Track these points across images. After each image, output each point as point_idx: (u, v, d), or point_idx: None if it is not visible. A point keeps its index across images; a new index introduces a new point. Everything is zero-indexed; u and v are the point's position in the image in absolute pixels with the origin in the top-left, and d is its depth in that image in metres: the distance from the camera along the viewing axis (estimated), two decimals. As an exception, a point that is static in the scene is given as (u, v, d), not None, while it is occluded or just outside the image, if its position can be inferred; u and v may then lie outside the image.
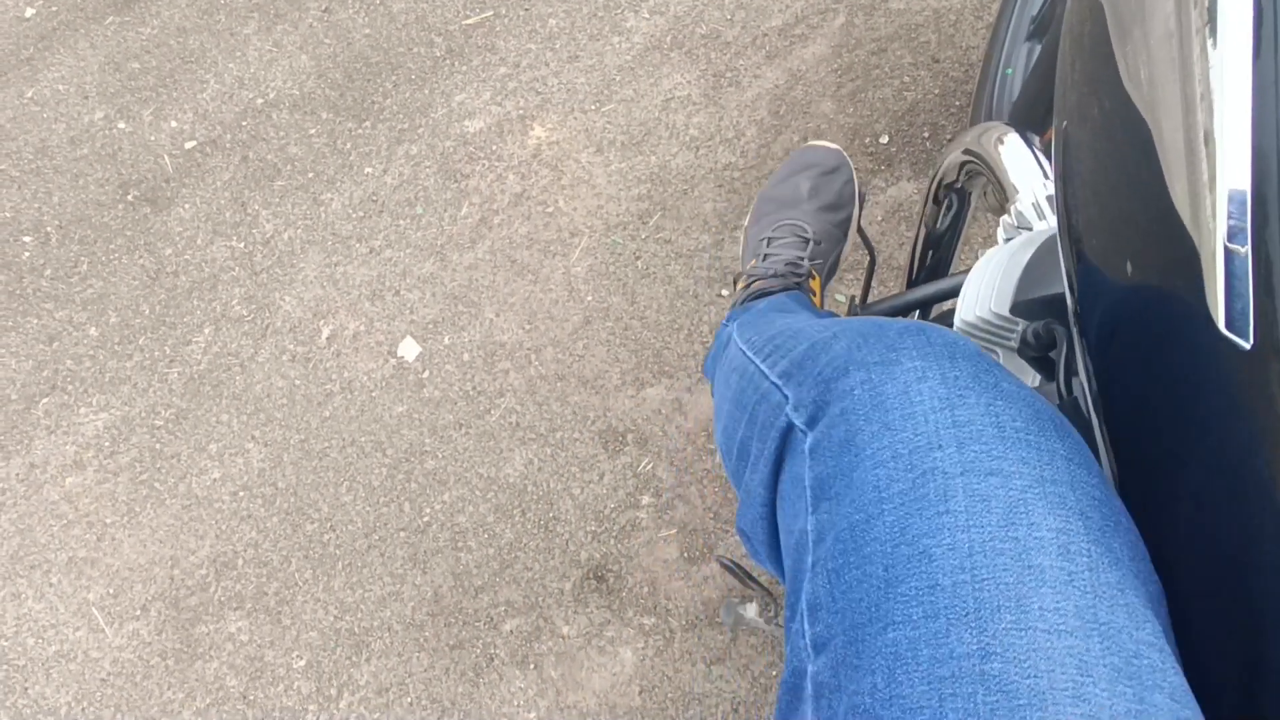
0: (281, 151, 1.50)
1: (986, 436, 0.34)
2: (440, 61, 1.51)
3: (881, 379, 0.37)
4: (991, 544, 0.31)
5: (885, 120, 1.33)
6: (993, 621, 0.29)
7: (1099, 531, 0.32)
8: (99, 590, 1.27)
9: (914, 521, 0.33)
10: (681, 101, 1.40)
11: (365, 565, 1.23)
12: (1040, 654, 0.29)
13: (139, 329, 1.41)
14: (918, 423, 0.35)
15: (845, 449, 0.37)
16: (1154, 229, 0.28)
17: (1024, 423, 0.35)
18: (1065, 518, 0.32)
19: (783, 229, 0.92)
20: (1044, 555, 0.31)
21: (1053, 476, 0.33)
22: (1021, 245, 0.51)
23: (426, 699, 1.15)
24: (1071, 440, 0.35)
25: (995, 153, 0.75)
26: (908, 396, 0.36)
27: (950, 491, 0.33)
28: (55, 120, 1.59)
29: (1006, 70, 1.04)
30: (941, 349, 0.38)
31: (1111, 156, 0.32)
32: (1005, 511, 0.32)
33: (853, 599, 0.33)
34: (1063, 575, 0.30)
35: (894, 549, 0.33)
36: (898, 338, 0.39)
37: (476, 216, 1.39)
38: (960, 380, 0.36)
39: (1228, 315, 0.24)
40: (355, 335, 1.35)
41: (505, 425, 1.26)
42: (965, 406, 0.35)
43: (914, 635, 0.30)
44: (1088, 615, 0.29)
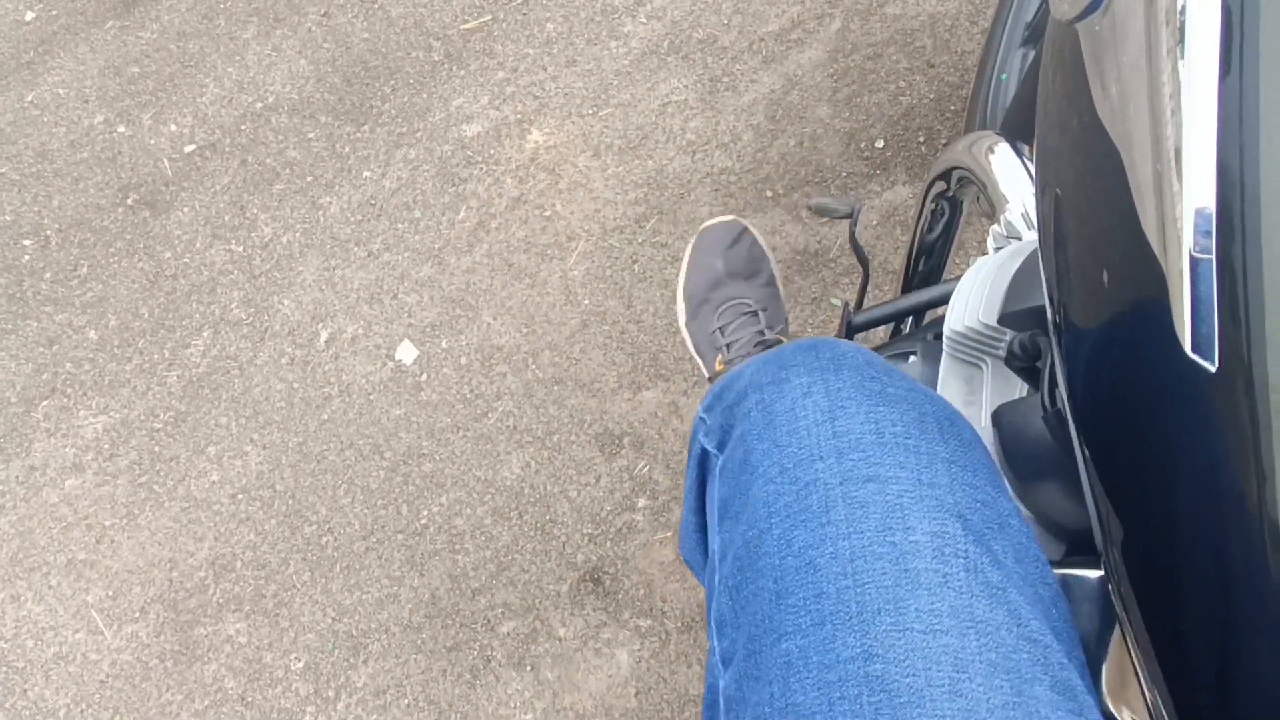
0: (280, 155, 1.50)
1: (865, 444, 0.35)
2: (438, 66, 1.52)
3: (773, 398, 0.39)
4: (871, 549, 0.32)
5: (881, 125, 1.34)
6: (874, 625, 0.31)
7: (979, 533, 0.33)
8: (98, 592, 1.28)
9: (799, 533, 0.34)
10: (678, 106, 1.41)
11: (363, 567, 1.23)
12: (918, 654, 0.30)
13: (138, 332, 1.42)
14: (801, 437, 0.36)
15: (743, 468, 0.38)
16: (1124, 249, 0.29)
17: (904, 427, 0.36)
18: (942, 521, 0.33)
19: (727, 313, 0.95)
20: (920, 559, 0.32)
21: (931, 480, 0.34)
22: (1010, 255, 0.51)
23: (424, 700, 1.15)
24: (957, 442, 0.36)
25: (986, 162, 0.75)
26: (794, 412, 0.37)
27: (831, 501, 0.34)
28: (55, 124, 1.60)
29: (1001, 75, 1.04)
30: (829, 362, 0.39)
31: (1087, 170, 0.32)
32: (883, 517, 0.33)
33: (750, 613, 0.34)
34: (938, 577, 0.31)
35: (782, 561, 0.34)
36: (790, 356, 0.41)
37: (474, 220, 1.40)
38: (843, 391, 0.37)
39: (1194, 338, 0.25)
40: (353, 338, 1.36)
41: (502, 428, 1.27)
42: (845, 416, 0.36)
43: (804, 644, 0.32)
44: (964, 615, 0.31)
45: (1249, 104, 0.24)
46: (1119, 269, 0.28)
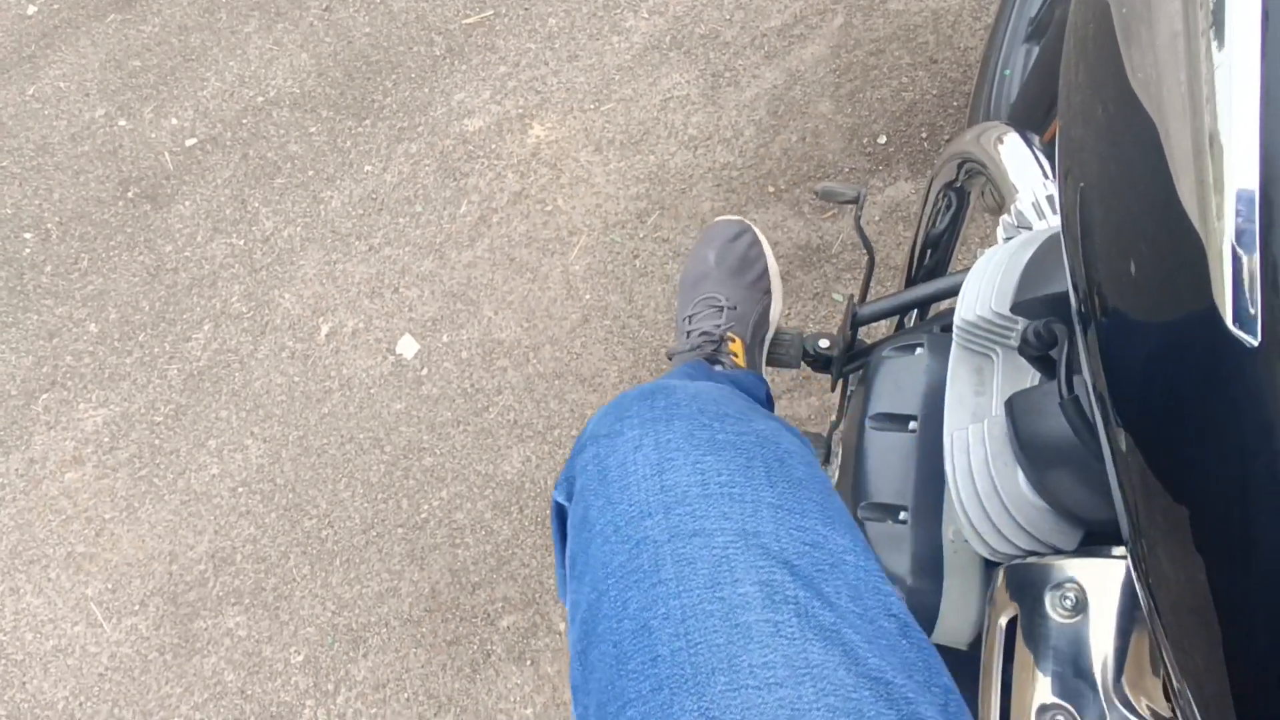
0: (282, 149, 1.50)
1: (691, 497, 0.35)
2: (440, 60, 1.51)
3: (606, 452, 0.39)
4: (701, 607, 0.32)
5: (883, 120, 1.34)
6: (709, 685, 0.30)
7: (808, 577, 0.33)
8: (97, 585, 1.28)
9: (633, 595, 0.34)
10: (680, 101, 1.41)
11: (363, 561, 1.23)
12: (754, 710, 0.29)
13: (139, 325, 1.42)
14: (632, 493, 0.36)
15: (583, 526, 0.38)
16: (1160, 226, 0.28)
17: (729, 476, 0.35)
18: (769, 569, 0.32)
19: (700, 304, 0.96)
20: (750, 611, 0.31)
21: (755, 529, 0.34)
22: (1022, 244, 0.51)
23: (424, 694, 1.15)
24: (785, 484, 0.36)
25: (995, 152, 0.75)
26: (625, 467, 0.37)
27: (660, 560, 0.33)
28: (56, 117, 1.60)
29: (1005, 71, 1.04)
30: (661, 412, 0.39)
31: (1115, 157, 0.32)
32: (711, 572, 0.33)
33: (596, 680, 0.34)
34: (769, 628, 0.31)
35: (619, 624, 0.33)
36: (627, 406, 0.40)
37: (475, 215, 1.39)
38: (672, 443, 0.37)
39: (1235, 312, 0.24)
40: (354, 332, 1.36)
41: (503, 423, 1.27)
42: (673, 469, 0.36)
43: (645, 710, 0.31)
44: (798, 663, 0.30)
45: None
46: (1155, 247, 0.28)
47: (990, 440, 0.40)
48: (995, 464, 0.39)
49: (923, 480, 0.47)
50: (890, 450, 0.49)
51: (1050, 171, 0.70)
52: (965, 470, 0.41)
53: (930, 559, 0.44)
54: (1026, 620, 0.35)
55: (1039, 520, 0.38)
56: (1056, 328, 0.39)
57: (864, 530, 0.46)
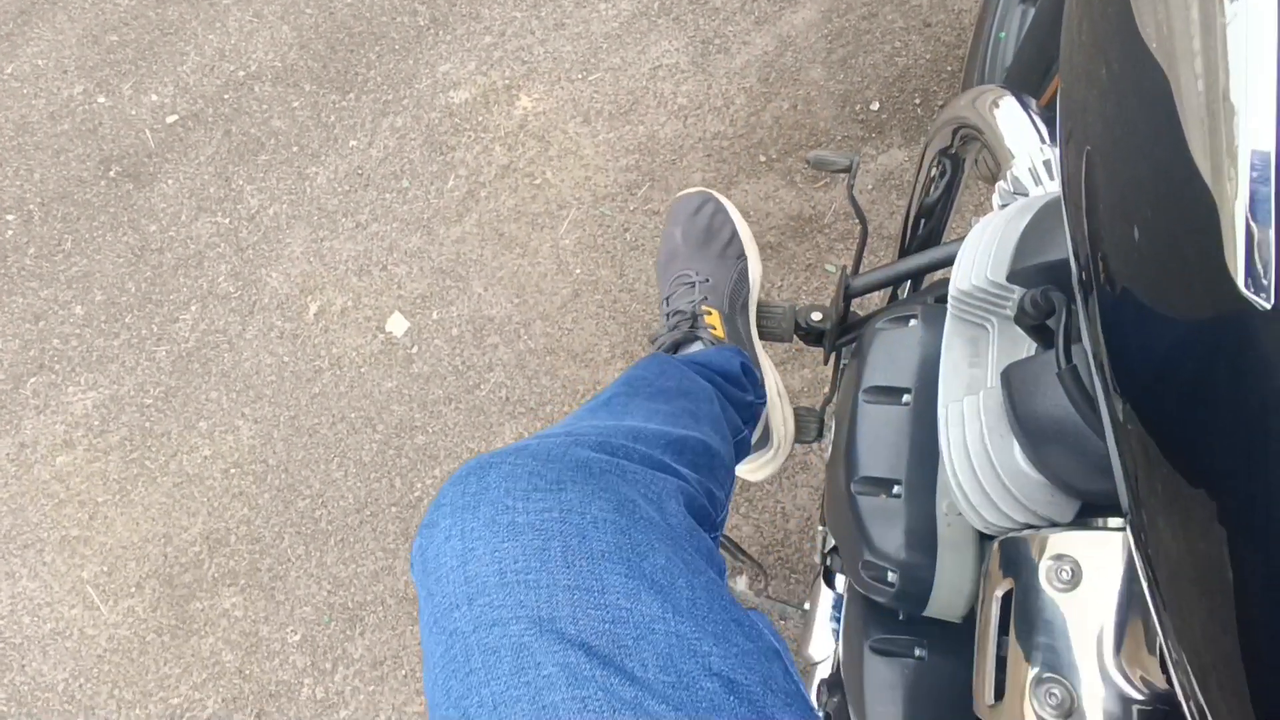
0: (265, 125, 1.48)
1: (490, 587, 0.36)
2: (424, 31, 1.48)
3: (425, 543, 0.41)
4: (509, 693, 0.34)
5: (876, 87, 1.32)
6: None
7: (608, 655, 0.34)
8: (93, 568, 1.28)
9: (453, 684, 0.35)
10: (669, 70, 1.38)
11: (357, 540, 1.23)
12: None
13: (125, 307, 1.40)
14: (444, 585, 0.38)
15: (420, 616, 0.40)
16: (1169, 187, 0.27)
17: (525, 562, 0.37)
18: (564, 653, 0.34)
19: (674, 284, 0.95)
20: (554, 692, 0.33)
21: (551, 614, 0.35)
22: (1018, 211, 0.50)
23: (420, 671, 1.16)
24: (584, 562, 0.37)
25: (990, 116, 0.73)
26: (439, 559, 0.39)
27: (469, 650, 0.35)
28: (35, 96, 1.56)
29: (1000, 34, 1.02)
30: (470, 499, 0.40)
31: (1120, 119, 0.31)
32: (514, 660, 0.34)
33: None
34: (576, 704, 0.33)
35: (446, 713, 0.35)
36: (443, 494, 0.42)
37: (463, 189, 1.37)
38: (475, 532, 0.38)
39: (1247, 275, 0.24)
40: (343, 311, 1.34)
41: (495, 399, 1.26)
42: (475, 559, 0.37)
43: None
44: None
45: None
46: (1163, 208, 0.27)
47: (985, 412, 0.39)
48: (990, 436, 0.39)
49: (917, 454, 0.46)
50: (884, 424, 0.48)
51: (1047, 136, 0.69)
52: (960, 443, 0.40)
53: (924, 533, 0.44)
54: (1022, 593, 0.34)
55: (1034, 493, 0.37)
56: (1054, 296, 0.38)
57: (857, 505, 0.46)
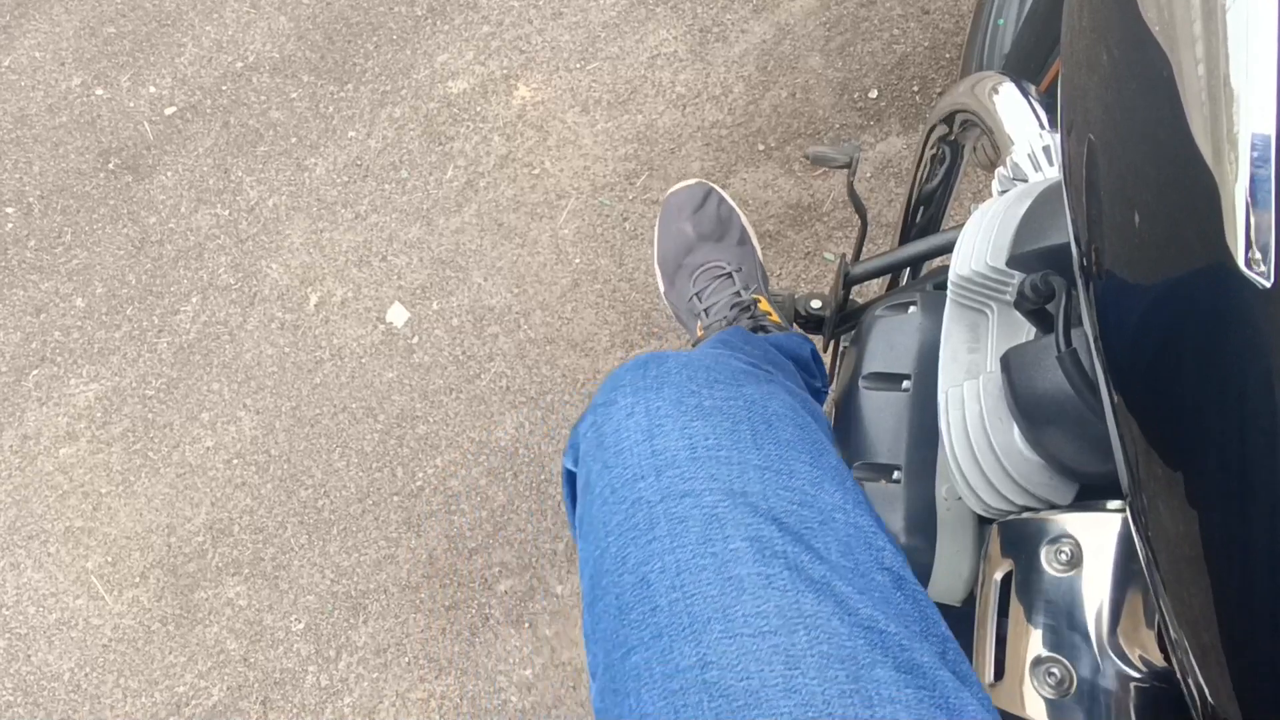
0: (263, 116, 1.47)
1: (680, 460, 0.37)
2: (422, 21, 1.48)
3: (602, 420, 0.41)
4: (694, 561, 0.34)
5: (874, 74, 1.32)
6: (706, 633, 0.32)
7: (797, 533, 0.34)
8: (97, 559, 1.28)
9: (631, 551, 0.36)
10: (668, 58, 1.38)
11: (360, 530, 1.24)
12: (749, 656, 0.31)
13: (126, 299, 1.40)
14: (626, 457, 0.38)
15: (586, 489, 0.41)
16: (1170, 169, 0.28)
17: (716, 439, 0.37)
18: (757, 526, 0.34)
19: (701, 277, 0.95)
20: (741, 565, 0.33)
21: (743, 489, 0.36)
22: (1018, 197, 0.50)
23: (424, 658, 1.17)
24: (773, 446, 0.38)
25: (990, 102, 0.74)
26: (619, 434, 0.40)
27: (654, 519, 0.36)
28: (33, 88, 1.56)
29: (998, 21, 1.02)
30: (652, 381, 0.41)
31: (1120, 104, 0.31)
32: (702, 529, 0.34)
33: (603, 629, 0.36)
34: (760, 580, 0.33)
35: (620, 579, 0.36)
36: (621, 376, 0.43)
37: (462, 179, 1.37)
38: (661, 410, 0.39)
39: (1247, 254, 0.24)
40: (343, 302, 1.35)
41: (495, 389, 1.26)
42: (662, 435, 0.38)
43: (648, 656, 0.33)
44: (790, 613, 0.32)
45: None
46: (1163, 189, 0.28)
47: (985, 396, 0.40)
48: (990, 420, 0.39)
49: (916, 439, 0.47)
50: (883, 410, 0.49)
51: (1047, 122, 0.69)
52: (960, 427, 0.40)
53: (923, 517, 0.44)
54: (1021, 575, 0.35)
55: (1034, 475, 0.37)
56: (1054, 280, 0.39)
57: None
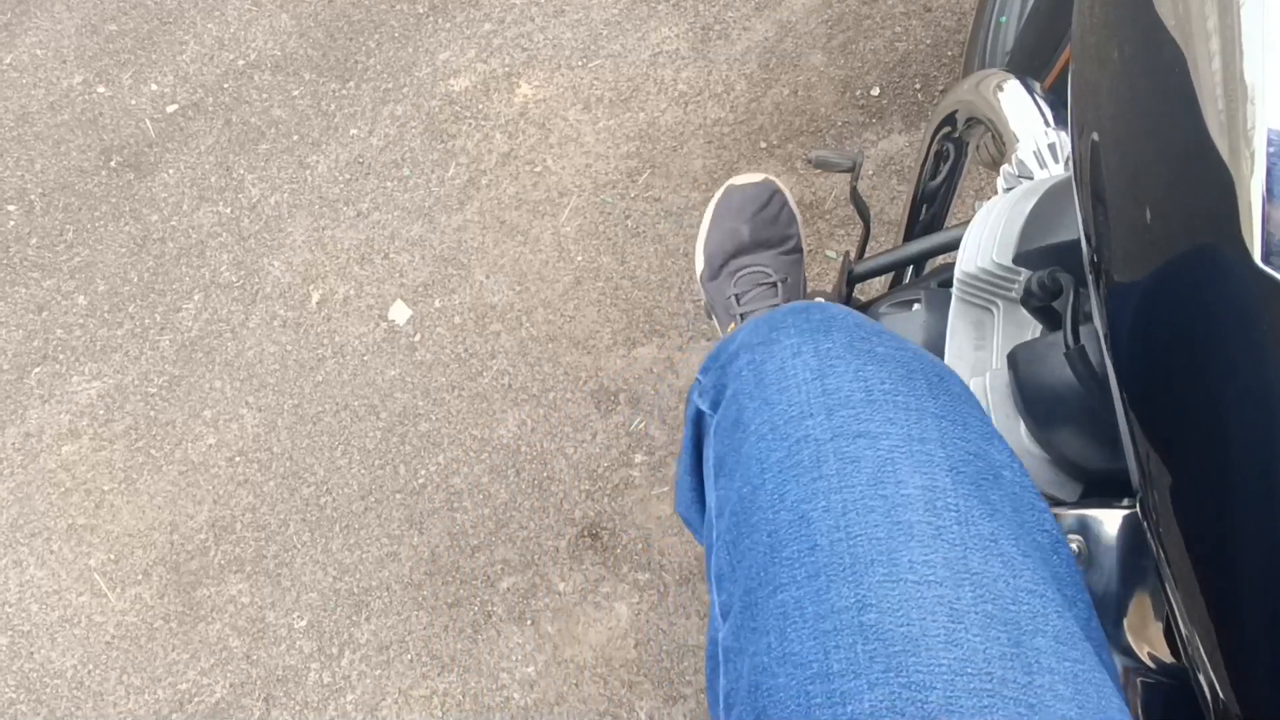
0: (265, 114, 1.47)
1: (854, 401, 0.36)
2: (423, 18, 1.48)
3: (763, 358, 0.40)
4: (862, 502, 0.33)
5: (876, 72, 1.32)
6: (867, 575, 0.31)
7: (971, 486, 0.33)
8: (100, 556, 1.29)
9: (791, 488, 0.34)
10: (669, 56, 1.38)
11: (362, 527, 1.24)
12: (912, 603, 0.30)
13: (128, 297, 1.40)
14: (792, 395, 0.37)
15: (736, 426, 0.39)
16: (1183, 166, 0.27)
17: (893, 384, 0.36)
18: (932, 474, 0.33)
19: (745, 279, 0.94)
20: (911, 511, 0.32)
21: (920, 435, 0.34)
22: (1023, 194, 0.50)
23: (426, 655, 1.17)
24: (946, 397, 0.37)
25: (995, 100, 0.74)
26: (783, 372, 0.38)
27: (822, 456, 0.34)
28: (34, 86, 1.56)
29: (1000, 19, 1.02)
30: (818, 324, 0.40)
31: (1132, 101, 0.31)
32: (874, 471, 0.33)
33: (746, 566, 0.35)
34: (930, 529, 0.32)
35: (775, 515, 0.34)
36: (781, 318, 0.41)
37: (464, 177, 1.37)
38: (832, 351, 0.38)
39: (1264, 248, 0.24)
40: (345, 299, 1.35)
41: (498, 387, 1.26)
42: (834, 375, 0.37)
43: (799, 594, 0.32)
44: (958, 566, 0.31)
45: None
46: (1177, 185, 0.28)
47: (991, 393, 0.40)
48: (996, 416, 0.39)
49: None
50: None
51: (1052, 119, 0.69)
52: (965, 424, 0.40)
53: None
54: None
55: (1040, 472, 0.38)
56: (1061, 277, 0.39)
57: None
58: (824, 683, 0.30)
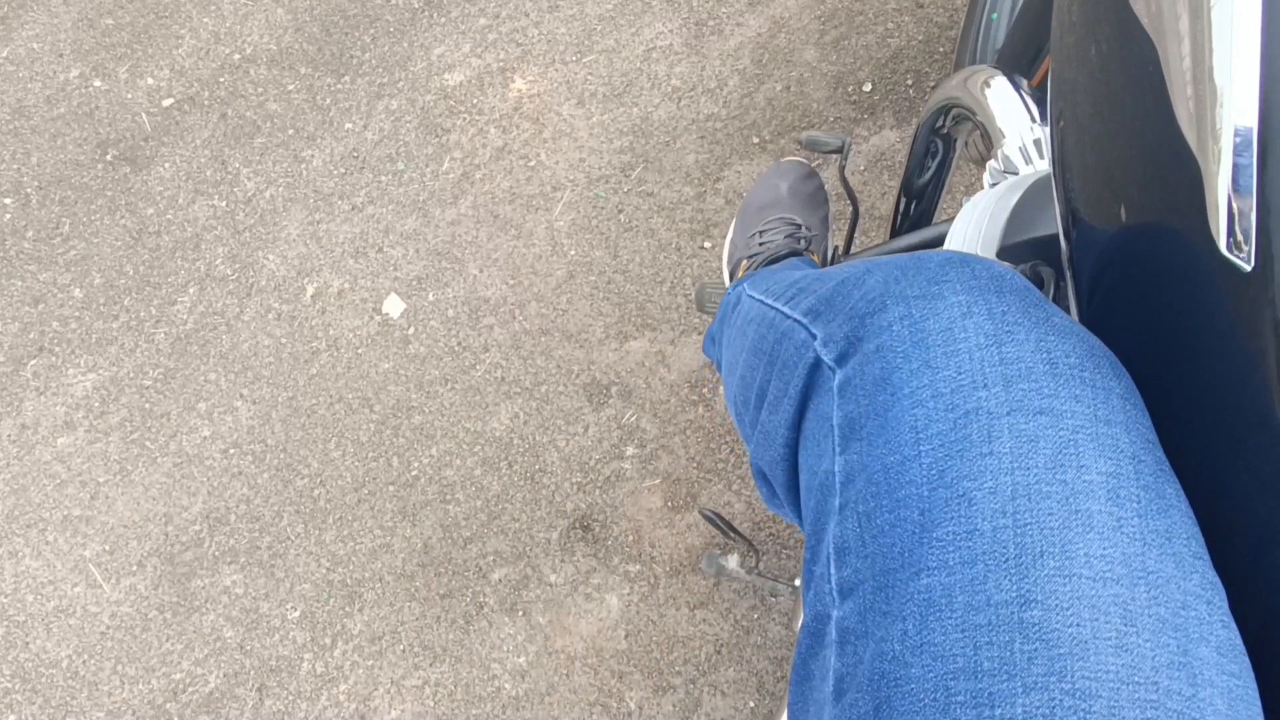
0: (261, 108, 1.48)
1: (1037, 374, 0.32)
2: (419, 13, 1.49)
3: (923, 314, 0.35)
4: (1037, 487, 0.30)
5: (868, 68, 1.32)
6: (1034, 568, 0.28)
7: (1151, 476, 0.30)
8: (95, 547, 1.30)
9: (954, 464, 0.31)
10: (663, 51, 1.39)
11: (356, 519, 1.25)
12: (1084, 602, 0.27)
13: (124, 289, 1.41)
14: (961, 360, 0.33)
15: (880, 387, 0.35)
16: (1154, 159, 0.28)
17: (1079, 359, 0.32)
18: (1117, 461, 0.30)
19: (772, 223, 0.94)
20: (1093, 500, 0.29)
21: (1107, 417, 0.31)
22: (1008, 189, 0.51)
23: (419, 646, 1.18)
24: (1127, 380, 0.33)
25: (982, 96, 0.74)
26: (951, 333, 0.34)
27: (995, 432, 0.31)
28: (30, 79, 1.57)
29: (992, 15, 1.02)
30: (988, 282, 0.35)
31: (1108, 97, 0.31)
32: (1054, 453, 0.30)
33: (884, 543, 0.32)
34: (1111, 521, 0.29)
35: (931, 492, 0.31)
36: (939, 270, 0.37)
37: (458, 171, 1.38)
38: (1009, 315, 0.34)
39: (1229, 238, 0.24)
40: (340, 293, 1.35)
41: (491, 380, 1.27)
42: (1014, 343, 0.33)
43: (949, 581, 0.29)
44: (1135, 563, 0.28)
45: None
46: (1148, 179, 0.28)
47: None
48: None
49: None
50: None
51: (1038, 116, 0.69)
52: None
53: None
54: None
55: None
56: (1043, 271, 0.39)
57: None
58: (970, 680, 0.27)
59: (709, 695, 1.10)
